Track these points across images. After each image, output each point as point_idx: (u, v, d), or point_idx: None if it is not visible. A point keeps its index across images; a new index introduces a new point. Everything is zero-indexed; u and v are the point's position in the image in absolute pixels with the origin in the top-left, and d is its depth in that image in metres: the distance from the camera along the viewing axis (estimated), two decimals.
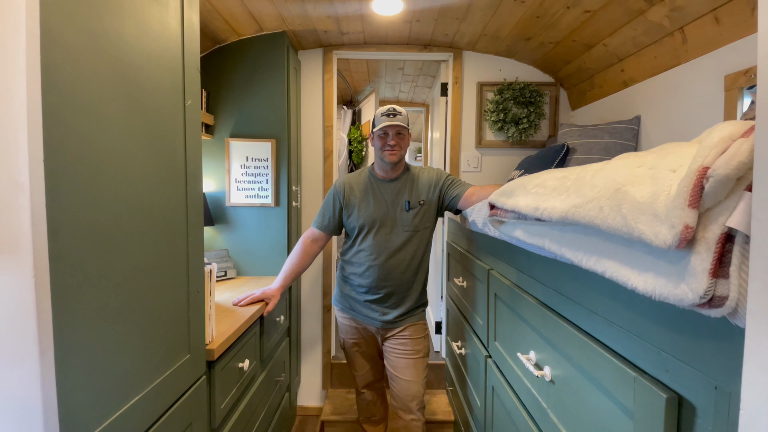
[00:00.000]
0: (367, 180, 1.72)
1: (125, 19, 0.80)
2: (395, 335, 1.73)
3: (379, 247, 1.65)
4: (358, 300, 1.74)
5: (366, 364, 1.88)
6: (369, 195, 1.68)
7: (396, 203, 1.66)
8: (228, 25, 1.97)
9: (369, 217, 1.66)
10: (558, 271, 0.87)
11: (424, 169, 1.75)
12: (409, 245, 1.66)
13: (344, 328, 1.84)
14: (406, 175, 1.70)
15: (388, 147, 1.62)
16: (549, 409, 0.89)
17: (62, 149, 0.63)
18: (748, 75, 1.26)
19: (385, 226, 1.66)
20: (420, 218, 1.66)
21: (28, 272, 0.57)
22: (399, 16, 2.01)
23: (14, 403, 0.59)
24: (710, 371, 0.48)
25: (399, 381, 1.72)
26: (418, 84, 3.51)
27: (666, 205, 0.45)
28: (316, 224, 1.77)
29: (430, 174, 1.71)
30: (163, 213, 0.93)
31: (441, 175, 1.70)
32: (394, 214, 1.66)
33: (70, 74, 0.65)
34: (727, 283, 0.41)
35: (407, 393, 1.71)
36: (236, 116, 2.14)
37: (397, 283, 1.67)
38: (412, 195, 1.67)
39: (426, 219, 1.68)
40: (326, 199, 1.76)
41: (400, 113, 1.63)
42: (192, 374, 1.07)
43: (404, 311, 1.71)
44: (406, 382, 1.71)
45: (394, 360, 1.73)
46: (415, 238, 1.67)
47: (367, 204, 1.68)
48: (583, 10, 1.72)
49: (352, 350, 1.85)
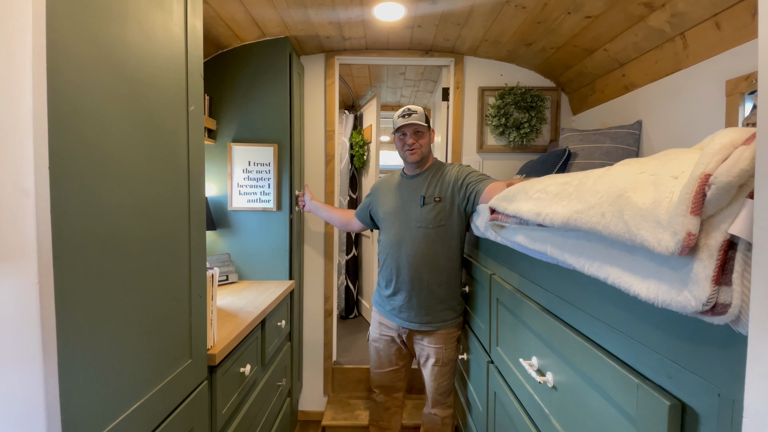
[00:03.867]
0: (397, 177, 1.81)
1: (130, 25, 0.80)
2: (419, 340, 1.72)
3: (394, 240, 1.70)
4: (383, 294, 1.78)
5: (381, 362, 1.85)
6: (393, 191, 1.77)
7: (413, 198, 1.68)
8: (231, 30, 1.98)
9: (386, 211, 1.76)
10: (560, 277, 0.87)
11: (454, 165, 1.71)
12: (421, 242, 1.63)
13: (373, 322, 1.87)
14: (429, 171, 1.70)
15: (408, 147, 1.67)
16: (551, 415, 0.88)
17: (67, 155, 0.64)
18: (749, 80, 1.26)
19: (399, 219, 1.69)
20: (434, 215, 1.62)
21: (33, 277, 0.57)
22: (400, 22, 2.03)
23: (18, 407, 0.59)
24: (713, 378, 0.47)
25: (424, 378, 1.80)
26: (420, 89, 3.52)
27: (668, 211, 0.45)
28: (356, 211, 2.01)
29: (452, 171, 1.67)
30: (165, 218, 0.94)
31: (462, 172, 1.65)
32: (409, 209, 1.67)
33: (75, 81, 0.66)
34: (729, 290, 0.41)
35: (427, 389, 1.80)
36: (238, 121, 2.15)
37: (410, 279, 1.65)
38: (428, 191, 1.65)
39: (442, 217, 1.62)
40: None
41: (415, 112, 1.66)
42: (193, 379, 1.07)
43: (423, 313, 1.66)
44: (427, 385, 1.80)
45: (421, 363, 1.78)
46: (427, 234, 1.62)
47: (387, 199, 1.77)
48: (584, 16, 1.73)
49: (372, 345, 1.87)
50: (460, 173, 1.65)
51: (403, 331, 1.74)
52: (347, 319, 3.68)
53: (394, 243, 1.69)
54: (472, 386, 1.61)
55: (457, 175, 1.65)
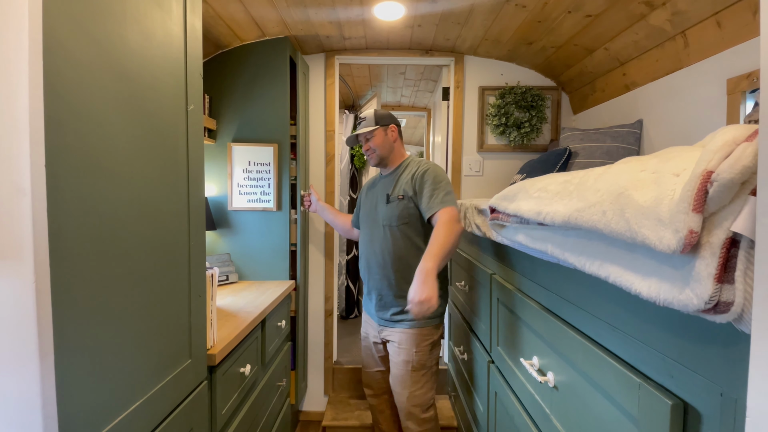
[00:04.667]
0: (377, 178, 1.86)
1: (128, 24, 0.80)
2: (391, 340, 1.69)
3: (364, 237, 1.76)
4: (364, 293, 1.84)
5: (368, 362, 1.85)
6: (370, 192, 1.83)
7: (382, 197, 1.71)
8: (231, 30, 1.98)
9: (363, 213, 1.83)
10: (561, 276, 0.87)
11: (420, 162, 1.69)
12: (384, 240, 1.64)
13: (362, 322, 1.90)
14: (399, 170, 1.72)
15: (366, 153, 1.75)
16: (552, 415, 0.88)
17: (64, 154, 0.63)
18: (750, 78, 1.25)
19: (370, 219, 1.75)
20: (398, 212, 1.61)
21: (29, 277, 0.57)
22: (400, 21, 2.02)
23: (13, 408, 0.59)
24: (716, 377, 0.47)
25: (392, 389, 1.70)
26: (420, 88, 3.52)
27: (670, 209, 0.45)
28: (352, 218, 2.04)
29: (417, 170, 1.63)
30: (165, 217, 0.93)
31: (419, 173, 1.61)
32: (377, 207, 1.71)
33: (72, 79, 0.66)
34: (732, 288, 0.40)
35: (397, 402, 1.68)
36: (238, 121, 2.15)
37: (378, 278, 1.67)
38: (394, 189, 1.67)
39: (405, 214, 1.61)
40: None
41: (364, 119, 1.73)
42: (193, 379, 1.07)
43: (393, 312, 1.65)
44: (396, 393, 1.68)
45: (391, 366, 1.70)
46: (391, 232, 1.62)
47: (365, 201, 1.85)
48: (585, 15, 1.73)
49: (362, 344, 1.89)
50: (417, 172, 1.62)
51: (380, 330, 1.73)
52: (347, 319, 3.68)
53: (366, 242, 1.74)
54: (473, 387, 1.60)
55: (416, 173, 1.62)
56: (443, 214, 1.49)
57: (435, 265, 1.33)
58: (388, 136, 1.72)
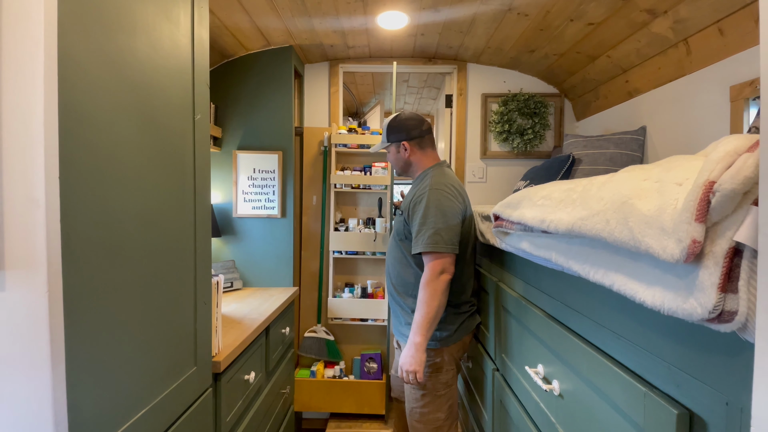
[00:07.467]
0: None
1: (138, 37, 0.82)
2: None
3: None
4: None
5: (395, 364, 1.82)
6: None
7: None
8: (236, 40, 2.01)
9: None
10: (565, 284, 0.87)
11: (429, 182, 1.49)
12: (391, 252, 1.61)
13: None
14: (416, 181, 1.60)
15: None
16: (558, 424, 0.88)
17: (76, 165, 0.65)
18: (753, 86, 1.26)
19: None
20: (401, 226, 1.53)
21: (42, 286, 0.58)
22: (404, 30, 2.04)
23: (26, 414, 0.60)
24: (721, 386, 0.47)
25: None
26: (423, 96, 3.54)
27: (673, 218, 0.45)
28: None
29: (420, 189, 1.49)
30: (171, 225, 0.94)
31: (415, 198, 1.47)
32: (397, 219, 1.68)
33: (85, 91, 0.67)
34: (736, 297, 0.40)
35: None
36: (244, 129, 2.17)
37: (390, 291, 1.63)
38: (404, 202, 1.59)
39: (407, 230, 1.49)
40: None
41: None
42: (198, 387, 1.07)
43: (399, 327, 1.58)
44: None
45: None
46: (398, 246, 1.55)
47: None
48: (587, 23, 1.74)
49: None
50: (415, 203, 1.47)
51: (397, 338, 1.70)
52: None
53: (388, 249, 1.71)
54: (477, 394, 1.59)
55: (414, 201, 1.48)
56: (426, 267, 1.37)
57: (423, 340, 1.33)
58: (400, 154, 1.58)
